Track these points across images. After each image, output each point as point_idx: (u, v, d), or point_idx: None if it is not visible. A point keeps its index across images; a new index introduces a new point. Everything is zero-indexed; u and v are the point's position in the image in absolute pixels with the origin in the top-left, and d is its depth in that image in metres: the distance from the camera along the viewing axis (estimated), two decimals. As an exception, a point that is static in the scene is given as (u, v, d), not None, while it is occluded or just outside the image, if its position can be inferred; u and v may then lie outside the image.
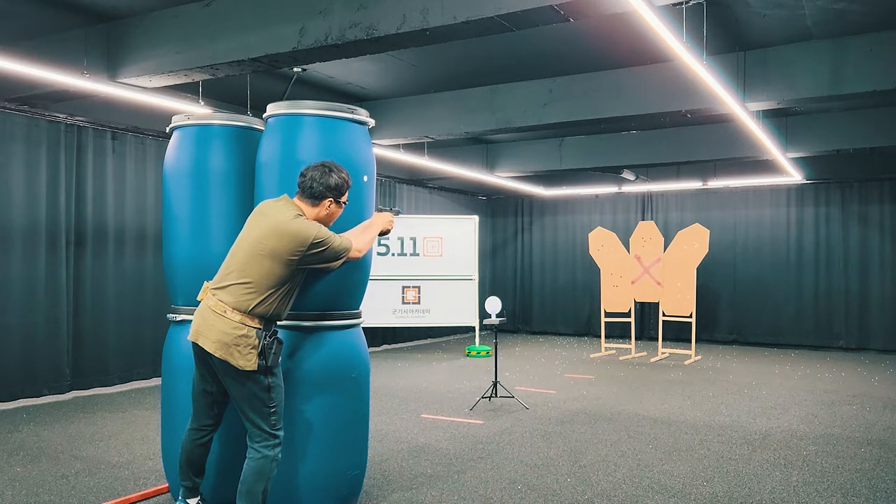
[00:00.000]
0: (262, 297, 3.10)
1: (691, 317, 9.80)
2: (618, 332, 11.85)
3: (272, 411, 3.13)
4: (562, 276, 13.34)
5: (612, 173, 11.04)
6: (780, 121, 8.89)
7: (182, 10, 5.57)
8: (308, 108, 3.51)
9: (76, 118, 6.82)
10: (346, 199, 3.34)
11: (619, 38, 6.16)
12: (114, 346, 7.20)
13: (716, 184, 11.44)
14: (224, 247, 3.47)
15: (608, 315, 10.82)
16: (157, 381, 7.35)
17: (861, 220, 11.04)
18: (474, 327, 10.79)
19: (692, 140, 9.49)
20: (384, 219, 3.54)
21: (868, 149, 8.73)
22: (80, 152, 6.94)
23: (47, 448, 4.83)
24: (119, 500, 3.79)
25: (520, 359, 9.80)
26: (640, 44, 6.13)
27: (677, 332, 11.36)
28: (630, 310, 10.45)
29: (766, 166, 10.64)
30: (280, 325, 3.37)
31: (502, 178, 11.30)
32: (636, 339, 11.54)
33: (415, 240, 10.28)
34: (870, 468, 4.53)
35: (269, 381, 3.12)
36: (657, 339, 10.90)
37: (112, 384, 7.17)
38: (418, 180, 11.78)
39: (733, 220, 11.91)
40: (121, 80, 5.91)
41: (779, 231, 11.59)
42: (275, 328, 3.22)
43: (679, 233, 9.96)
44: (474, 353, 10.12)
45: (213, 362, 3.12)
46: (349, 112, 3.56)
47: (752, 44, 6.43)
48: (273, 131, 3.57)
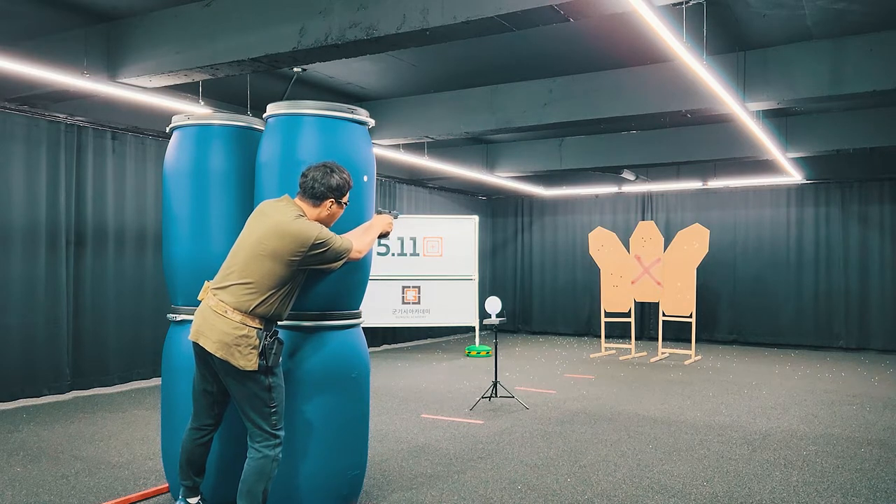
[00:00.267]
0: (263, 297, 3.10)
1: (691, 317, 9.80)
2: (618, 332, 11.85)
3: (273, 411, 3.13)
4: (562, 276, 13.34)
5: (612, 173, 11.04)
6: (780, 121, 8.89)
7: (182, 10, 5.57)
8: (308, 108, 3.51)
9: (76, 118, 6.82)
10: (348, 199, 3.35)
11: (619, 38, 6.16)
12: (114, 346, 7.20)
13: (716, 184, 11.44)
14: (224, 247, 3.47)
15: (608, 315, 10.82)
16: (157, 381, 7.35)
17: (861, 220, 11.04)
18: (474, 327, 10.79)
19: (692, 140, 9.49)
20: (384, 221, 3.54)
21: (868, 149, 8.73)
22: (80, 152, 6.94)
23: (47, 448, 4.83)
24: (119, 500, 3.79)
25: (520, 359, 9.80)
26: (640, 44, 6.12)
27: (677, 332, 11.36)
28: (630, 310, 10.45)
29: (766, 166, 10.64)
30: (280, 325, 3.37)
31: (502, 178, 11.30)
32: (636, 339, 11.54)
33: (415, 240, 10.28)
34: (870, 468, 4.53)
35: (270, 381, 3.12)
36: (657, 339, 10.90)
37: (112, 384, 7.17)
38: (418, 180, 11.78)
39: (733, 220, 11.91)
40: (121, 80, 5.91)
41: (779, 231, 11.59)
42: (275, 328, 3.22)
43: (679, 233, 9.96)
44: (474, 353, 10.13)
45: (214, 362, 3.12)
46: (349, 112, 3.56)
47: (752, 44, 6.43)
48: (273, 131, 3.57)
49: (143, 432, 5.30)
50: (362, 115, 3.63)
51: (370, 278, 3.84)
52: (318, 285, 3.44)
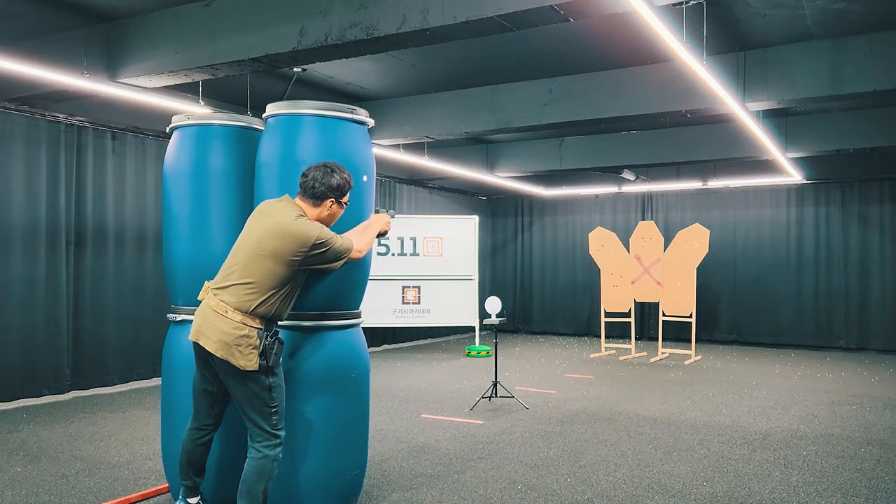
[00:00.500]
0: (264, 297, 3.10)
1: (691, 317, 9.80)
2: (618, 332, 11.85)
3: (273, 411, 3.13)
4: (562, 276, 13.34)
5: (612, 173, 11.04)
6: (780, 121, 8.89)
7: (182, 10, 5.57)
8: (307, 108, 3.51)
9: (76, 118, 6.82)
10: (348, 199, 3.35)
11: (619, 38, 6.16)
12: (114, 346, 7.20)
13: (716, 184, 11.44)
14: (224, 247, 3.47)
15: (608, 315, 10.82)
16: (157, 381, 7.35)
17: (861, 220, 11.04)
18: (474, 327, 10.79)
19: (692, 140, 9.49)
20: (382, 220, 3.55)
21: (868, 149, 8.73)
22: (80, 152, 6.95)
23: (47, 448, 4.83)
24: (119, 500, 3.79)
25: (520, 359, 9.80)
26: (640, 44, 6.12)
27: (677, 332, 11.36)
28: (630, 310, 10.45)
29: (766, 166, 10.64)
30: (280, 325, 3.37)
31: (502, 178, 11.30)
32: (636, 339, 11.54)
33: (415, 240, 10.28)
34: (870, 468, 4.53)
35: (271, 381, 3.12)
36: (657, 339, 10.90)
37: (112, 384, 7.17)
38: (418, 180, 11.78)
39: (733, 220, 11.91)
40: (121, 80, 5.91)
41: (779, 231, 11.59)
42: (276, 328, 3.22)
43: (679, 233, 9.96)
44: (474, 353, 10.12)
45: (214, 362, 3.12)
46: (349, 112, 3.56)
47: (752, 44, 6.43)
48: (273, 131, 3.57)
49: (143, 432, 5.30)
50: (362, 115, 3.63)
51: (370, 278, 3.84)
52: (317, 285, 3.44)
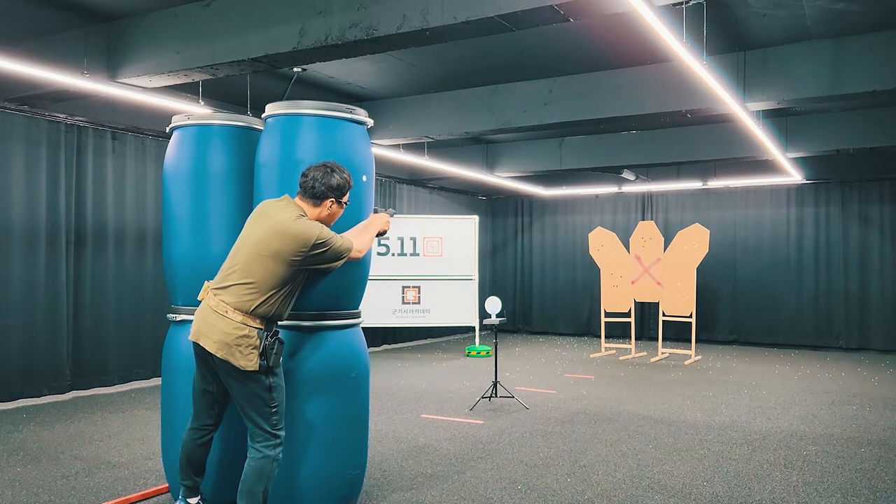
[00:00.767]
0: (264, 297, 3.10)
1: (691, 317, 9.80)
2: (618, 332, 11.85)
3: (273, 411, 3.13)
4: (562, 276, 13.34)
5: (612, 173, 11.04)
6: (780, 121, 8.89)
7: (182, 10, 5.57)
8: (307, 108, 3.51)
9: (76, 118, 6.82)
10: (348, 199, 3.35)
11: (619, 38, 6.16)
12: (114, 346, 7.20)
13: (716, 184, 11.44)
14: (224, 247, 3.47)
15: (608, 315, 10.81)
16: (157, 381, 7.35)
17: (861, 220, 11.04)
18: (474, 327, 10.79)
19: (692, 140, 9.49)
20: (381, 219, 3.55)
21: (868, 149, 8.72)
22: (80, 152, 6.95)
23: (47, 448, 4.83)
24: (119, 500, 3.79)
25: (520, 359, 9.79)
26: (640, 44, 6.12)
27: (677, 332, 11.36)
28: (630, 310, 10.45)
29: (766, 166, 10.63)
30: (280, 325, 3.37)
31: (502, 178, 11.30)
32: (636, 339, 11.54)
33: (415, 240, 10.28)
34: (870, 468, 4.53)
35: (271, 381, 3.13)
36: (657, 339, 10.90)
37: (112, 384, 7.17)
38: (418, 180, 11.78)
39: (733, 220, 11.91)
40: (121, 80, 5.91)
41: (779, 231, 11.59)
42: (276, 328, 3.22)
43: (679, 233, 9.96)
44: (474, 353, 10.12)
45: (215, 362, 3.12)
46: (348, 112, 3.56)
47: (752, 44, 6.43)
48: (272, 131, 3.57)
49: (143, 432, 5.30)
50: (361, 114, 3.63)
51: (370, 278, 3.84)
52: (317, 285, 3.44)
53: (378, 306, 9.95)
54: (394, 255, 10.24)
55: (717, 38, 6.20)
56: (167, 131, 3.95)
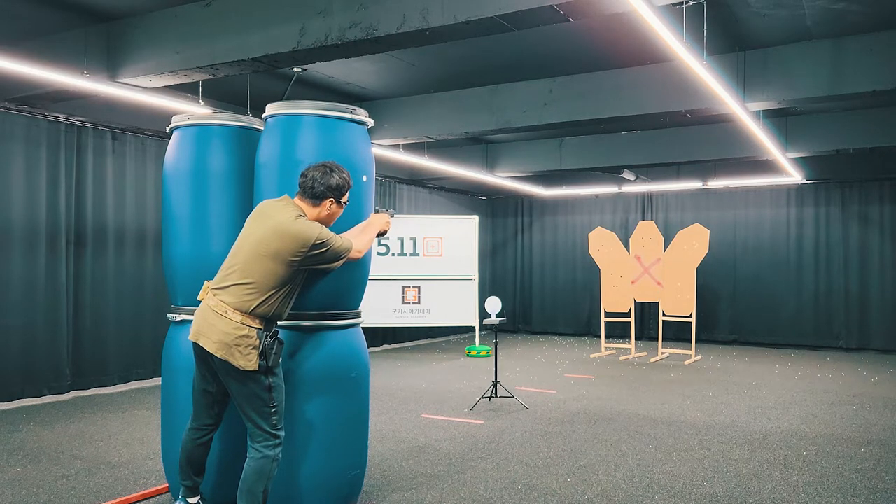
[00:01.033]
0: (264, 297, 3.10)
1: (691, 317, 9.80)
2: (618, 332, 11.85)
3: (273, 411, 3.13)
4: (562, 276, 13.34)
5: (612, 173, 11.04)
6: (780, 121, 8.89)
7: (182, 10, 5.57)
8: (307, 108, 3.51)
9: (76, 118, 6.82)
10: (347, 199, 3.35)
11: (619, 38, 6.16)
12: (114, 346, 7.20)
13: (716, 184, 11.44)
14: (224, 247, 3.47)
15: (608, 315, 10.81)
16: (157, 381, 7.35)
17: (861, 220, 11.04)
18: (474, 327, 10.79)
19: (692, 140, 9.49)
20: (381, 220, 3.55)
21: (868, 149, 8.72)
22: (80, 152, 6.95)
23: (47, 448, 4.83)
24: (119, 500, 3.79)
25: (520, 359, 9.79)
26: (640, 44, 6.12)
27: (677, 332, 11.36)
28: (630, 310, 10.45)
29: (766, 166, 10.63)
30: (280, 325, 3.37)
31: (502, 178, 11.30)
32: (636, 339, 11.54)
33: (415, 240, 10.28)
34: (870, 468, 4.53)
35: (271, 381, 3.13)
36: (657, 339, 10.90)
37: (112, 384, 7.17)
38: (418, 180, 11.78)
39: (733, 220, 11.91)
40: (121, 80, 5.91)
41: (779, 231, 11.59)
42: (276, 328, 3.22)
43: (679, 233, 9.96)
44: (474, 353, 10.12)
45: (214, 362, 3.12)
46: (348, 112, 3.56)
47: (752, 44, 6.43)
48: (272, 131, 3.57)
49: (143, 432, 5.30)
50: (361, 114, 3.63)
51: (370, 278, 3.84)
52: (317, 285, 3.44)
53: (378, 306, 9.95)
54: (394, 255, 10.24)
55: (717, 38, 6.20)
56: (167, 131, 3.95)
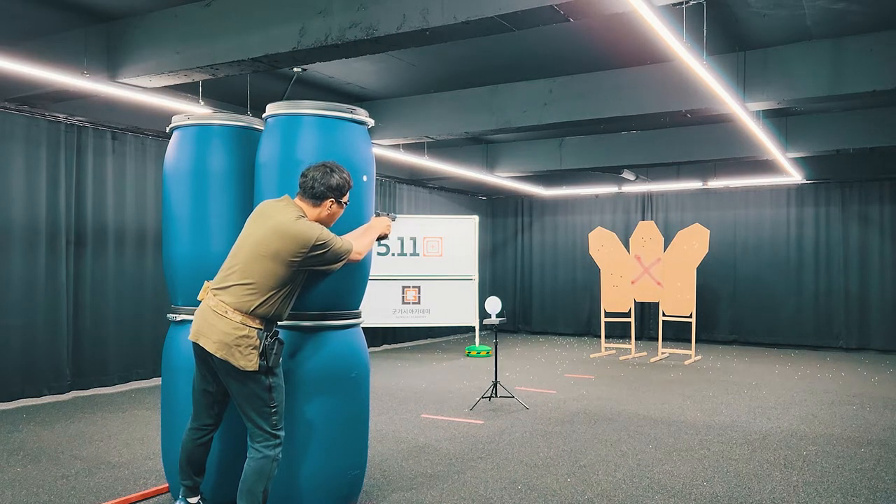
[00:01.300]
0: (264, 297, 3.10)
1: (691, 317, 9.80)
2: (618, 332, 11.85)
3: (273, 411, 3.14)
4: (562, 276, 13.34)
5: (612, 173, 11.04)
6: (780, 121, 8.89)
7: (182, 10, 5.57)
8: (307, 108, 3.51)
9: (76, 118, 6.82)
10: (348, 199, 3.35)
11: (619, 38, 6.16)
12: (114, 346, 7.20)
13: (716, 184, 11.44)
14: (224, 247, 3.47)
15: (608, 315, 10.81)
16: (157, 381, 7.35)
17: (861, 220, 11.04)
18: (474, 327, 10.79)
19: (692, 140, 9.49)
20: (383, 223, 3.55)
21: (868, 149, 8.72)
22: (80, 152, 6.94)
23: (47, 448, 4.83)
24: (119, 500, 3.79)
25: (520, 359, 9.79)
26: (640, 44, 6.12)
27: (677, 332, 11.36)
28: (630, 310, 10.45)
29: (766, 166, 10.63)
30: (280, 325, 3.37)
31: (502, 178, 11.30)
32: (636, 339, 11.54)
33: (415, 240, 10.28)
34: (870, 468, 4.53)
35: (271, 382, 3.13)
36: (657, 339, 10.90)
37: (112, 384, 7.17)
38: (418, 180, 11.78)
39: (733, 220, 11.91)
40: (121, 80, 5.91)
41: (779, 231, 11.59)
42: (276, 328, 3.22)
43: (679, 233, 9.96)
44: (474, 353, 10.12)
45: (214, 362, 3.12)
46: (348, 112, 3.56)
47: (752, 44, 6.43)
48: (272, 131, 3.57)
49: (143, 432, 5.30)
50: (362, 114, 3.63)
51: (370, 278, 3.84)
52: (317, 285, 3.44)
53: (378, 306, 9.95)
54: (394, 255, 10.24)
55: (717, 38, 6.20)
56: (167, 131, 3.95)
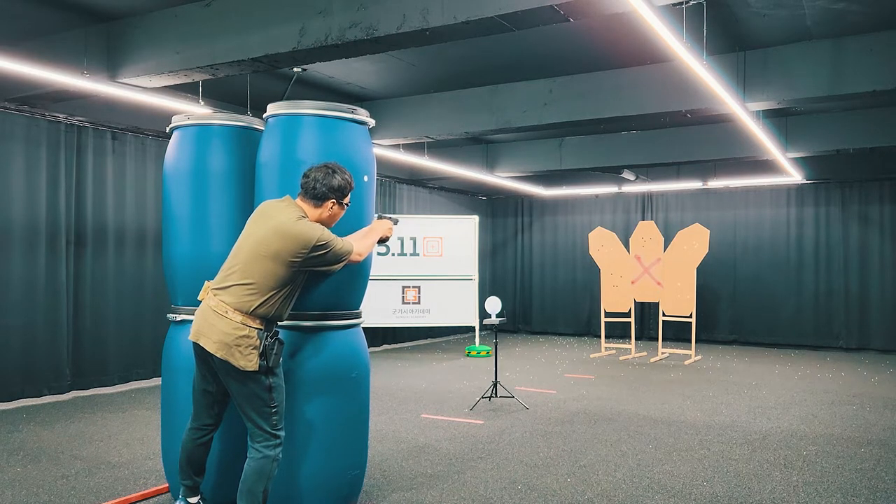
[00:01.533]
0: (264, 298, 3.10)
1: (691, 317, 9.80)
2: (618, 332, 11.85)
3: (273, 411, 3.14)
4: (562, 276, 13.34)
5: (612, 173, 11.04)
6: (780, 121, 8.89)
7: (182, 10, 5.57)
8: (308, 108, 3.51)
9: (76, 118, 6.82)
10: (349, 200, 3.35)
11: (619, 38, 6.16)
12: (114, 346, 7.20)
13: (716, 184, 11.44)
14: (224, 247, 3.47)
15: (608, 315, 10.81)
16: (157, 381, 7.35)
17: (861, 220, 11.04)
18: (474, 327, 10.79)
19: (692, 140, 9.50)
20: (384, 226, 3.55)
21: (868, 149, 8.73)
22: (80, 152, 6.94)
23: (47, 448, 4.83)
24: (119, 500, 3.79)
25: (520, 359, 9.79)
26: (640, 44, 6.12)
27: (677, 332, 11.36)
28: (630, 310, 10.45)
29: (766, 166, 10.63)
30: (280, 325, 3.37)
31: (502, 178, 11.30)
32: (636, 339, 11.55)
33: (415, 240, 10.28)
34: (870, 468, 4.54)
35: (271, 382, 3.13)
36: (657, 339, 10.90)
37: (112, 384, 7.17)
38: (418, 180, 11.78)
39: (733, 220, 11.91)
40: (121, 80, 5.91)
41: (779, 231, 11.59)
42: (276, 329, 3.22)
43: (679, 233, 9.96)
44: (474, 353, 10.12)
45: (214, 362, 3.12)
46: (349, 112, 3.56)
47: (752, 44, 6.43)
48: (273, 131, 3.57)
49: (143, 432, 5.30)
50: (362, 114, 3.63)
51: (370, 278, 3.84)
52: (318, 286, 3.44)
53: (378, 306, 9.95)
54: (394, 255, 10.24)
55: (717, 38, 6.20)
56: (167, 131, 3.95)
